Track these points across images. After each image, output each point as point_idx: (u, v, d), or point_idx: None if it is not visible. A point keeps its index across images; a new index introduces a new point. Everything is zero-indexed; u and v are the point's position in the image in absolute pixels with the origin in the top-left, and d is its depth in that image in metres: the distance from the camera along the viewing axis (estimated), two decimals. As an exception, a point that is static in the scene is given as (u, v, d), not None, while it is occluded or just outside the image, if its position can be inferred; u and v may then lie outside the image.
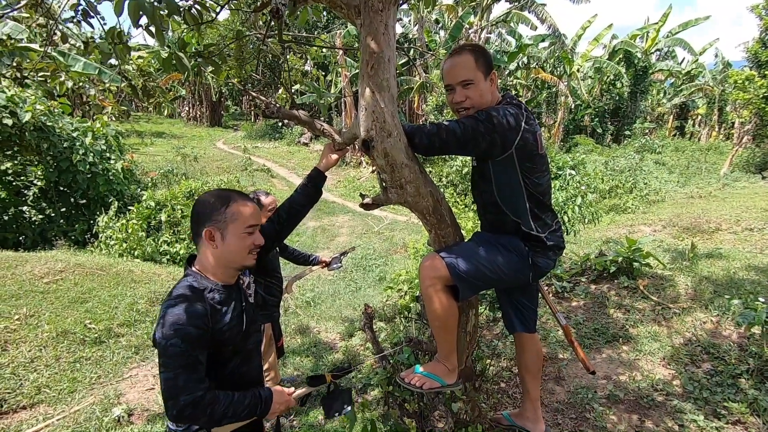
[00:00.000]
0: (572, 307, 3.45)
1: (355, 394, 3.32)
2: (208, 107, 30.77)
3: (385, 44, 1.54)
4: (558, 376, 2.69)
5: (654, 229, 8.42)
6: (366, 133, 1.56)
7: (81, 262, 5.74)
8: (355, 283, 7.00)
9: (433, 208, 1.78)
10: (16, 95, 6.90)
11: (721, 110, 25.13)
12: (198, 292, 1.33)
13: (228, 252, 1.37)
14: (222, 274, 1.40)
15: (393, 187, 1.67)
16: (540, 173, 1.73)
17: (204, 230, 1.35)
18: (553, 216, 1.85)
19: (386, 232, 10.32)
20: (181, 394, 1.21)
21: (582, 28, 22.49)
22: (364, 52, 1.55)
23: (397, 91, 1.67)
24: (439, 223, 1.84)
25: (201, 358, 1.27)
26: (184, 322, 1.24)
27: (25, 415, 3.29)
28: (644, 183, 11.40)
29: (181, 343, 1.22)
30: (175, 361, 1.22)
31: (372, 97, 1.53)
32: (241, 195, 1.43)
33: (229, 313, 1.37)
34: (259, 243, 1.42)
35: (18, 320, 4.16)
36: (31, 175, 8.26)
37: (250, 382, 1.49)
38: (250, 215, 1.39)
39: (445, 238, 1.89)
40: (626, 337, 2.93)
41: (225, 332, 1.34)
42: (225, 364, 1.39)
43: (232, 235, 1.35)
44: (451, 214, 1.88)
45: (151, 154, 16.38)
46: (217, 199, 1.38)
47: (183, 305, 1.27)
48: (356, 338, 4.51)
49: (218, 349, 1.33)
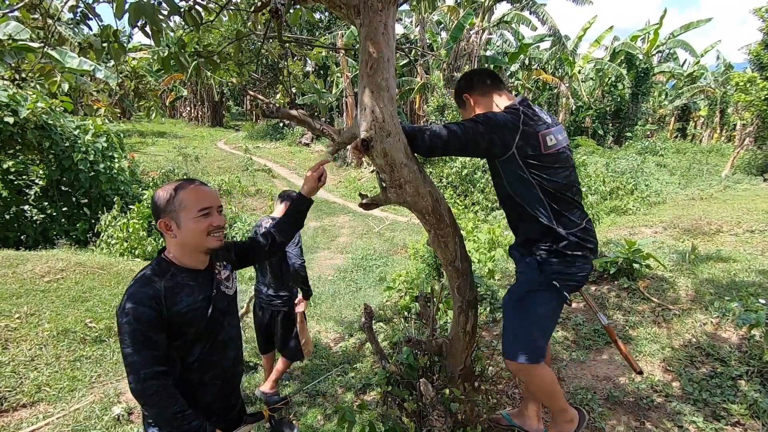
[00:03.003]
0: (572, 309, 3.45)
1: (354, 395, 3.32)
2: (210, 107, 30.81)
3: (385, 44, 1.55)
4: (558, 377, 2.68)
5: (655, 230, 8.40)
6: (365, 132, 1.56)
7: (82, 261, 5.75)
8: (356, 283, 7.00)
9: (432, 208, 1.78)
10: (17, 93, 6.91)
11: (722, 112, 25.08)
12: (157, 275, 1.37)
13: (187, 238, 1.40)
14: (188, 259, 1.44)
15: (392, 186, 1.67)
16: (552, 170, 1.73)
17: (159, 222, 1.41)
18: (581, 214, 1.82)
19: (387, 232, 10.32)
20: (141, 368, 1.26)
21: (583, 30, 22.45)
22: (363, 52, 1.55)
23: (396, 91, 1.67)
24: (438, 223, 1.84)
25: (156, 338, 1.30)
26: (137, 301, 1.30)
27: (25, 413, 3.29)
28: (645, 185, 11.38)
29: (133, 322, 1.27)
30: (131, 338, 1.27)
31: (371, 97, 1.53)
32: (191, 181, 1.46)
33: (191, 296, 1.39)
34: (218, 224, 1.43)
35: (19, 319, 4.16)
36: (33, 174, 8.27)
37: (223, 376, 1.50)
38: (201, 199, 1.41)
39: (444, 237, 1.90)
40: (626, 339, 2.93)
41: (184, 314, 1.36)
42: (189, 349, 1.41)
43: (186, 221, 1.39)
44: (450, 214, 1.88)
45: (153, 154, 16.41)
46: (166, 191, 1.43)
47: (138, 286, 1.33)
48: (355, 338, 4.50)
49: (180, 331, 1.36)
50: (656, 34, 22.42)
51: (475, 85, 1.91)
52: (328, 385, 3.51)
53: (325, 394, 3.42)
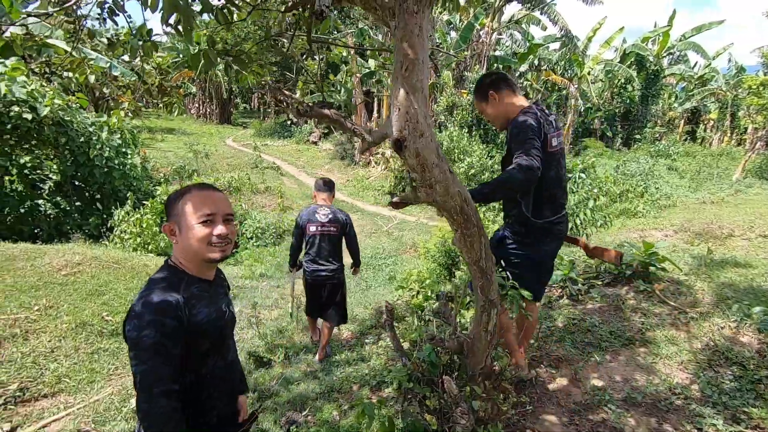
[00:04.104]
0: (587, 310, 3.45)
1: (369, 391, 3.35)
2: (218, 104, 31.00)
3: (420, 46, 1.57)
4: (574, 377, 2.70)
5: (665, 233, 8.37)
6: (399, 133, 1.59)
7: (97, 256, 5.83)
8: (366, 282, 7.04)
9: (460, 208, 1.81)
10: (35, 90, 7.01)
11: (733, 115, 24.84)
12: (173, 284, 1.30)
13: (187, 244, 1.33)
14: (193, 267, 1.37)
15: (423, 186, 1.70)
16: (547, 168, 2.09)
17: (164, 226, 1.37)
18: (555, 209, 2.26)
19: (395, 231, 10.35)
20: (155, 385, 1.17)
21: (593, 31, 22.31)
22: (399, 54, 1.58)
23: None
24: (465, 223, 1.86)
25: (175, 352, 1.21)
26: (159, 312, 1.20)
27: (46, 403, 3.36)
28: (656, 188, 11.33)
29: (155, 335, 1.17)
30: (148, 354, 1.17)
31: (406, 98, 1.56)
32: (201, 186, 1.39)
33: (207, 307, 1.33)
34: (219, 233, 1.33)
35: (38, 311, 4.24)
36: (47, 169, 8.39)
37: (231, 393, 1.49)
38: (205, 205, 1.32)
39: (470, 237, 1.92)
40: (643, 341, 2.93)
41: (202, 326, 1.30)
42: (204, 360, 1.36)
43: (187, 227, 1.31)
44: (476, 214, 1.91)
45: (163, 150, 16.53)
46: (176, 193, 1.37)
47: (157, 295, 1.23)
48: (367, 336, 4.53)
49: (195, 342, 1.29)
50: (666, 35, 22.26)
51: (501, 85, 2.27)
52: (342, 381, 3.54)
53: (339, 389, 3.45)
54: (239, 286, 6.33)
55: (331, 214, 3.89)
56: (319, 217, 3.87)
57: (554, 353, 2.98)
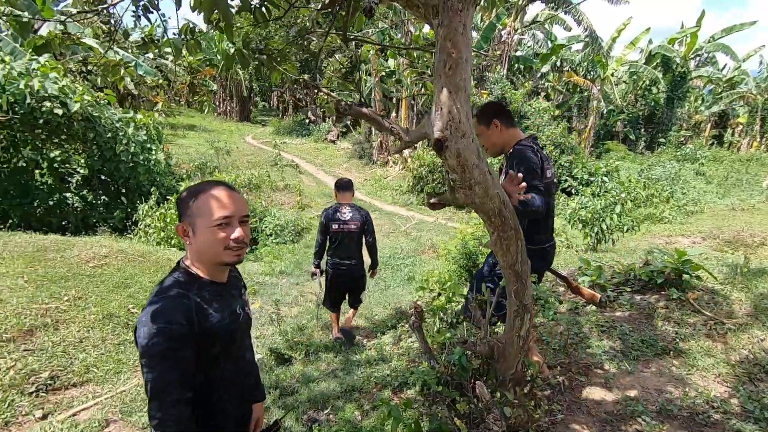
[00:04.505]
0: (616, 318, 3.37)
1: (391, 392, 3.33)
2: (238, 102, 31.41)
3: (464, 45, 1.54)
4: (606, 386, 2.63)
5: (693, 240, 8.14)
6: (440, 133, 1.56)
7: (123, 249, 5.96)
8: (384, 281, 7.02)
9: (498, 211, 1.77)
10: (66, 86, 7.20)
11: (764, 120, 24.03)
12: (185, 288, 1.24)
13: (201, 247, 1.26)
14: (207, 270, 1.30)
15: (462, 187, 1.67)
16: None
17: (177, 226, 1.29)
18: (547, 235, 2.49)
19: (413, 231, 10.31)
20: (168, 393, 1.12)
21: (617, 31, 21.85)
22: (442, 53, 1.55)
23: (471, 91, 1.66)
24: (503, 226, 1.82)
25: (187, 358, 1.17)
26: (169, 319, 1.14)
27: (75, 392, 3.43)
28: (682, 193, 11.02)
29: (165, 342, 1.12)
30: (159, 361, 1.13)
31: (449, 98, 1.53)
32: (216, 184, 1.29)
33: (219, 312, 1.28)
34: (236, 237, 1.25)
35: (67, 301, 4.34)
36: (75, 163, 8.62)
37: (242, 390, 1.44)
38: (221, 206, 1.24)
39: (507, 240, 1.88)
40: (677, 351, 2.84)
41: (214, 330, 1.25)
42: (215, 362, 1.30)
43: (201, 229, 1.24)
44: (514, 217, 1.87)
45: (184, 146, 16.81)
46: (189, 192, 1.29)
47: (168, 302, 1.18)
48: (388, 336, 4.52)
49: (206, 345, 1.24)
50: (694, 36, 21.64)
51: (504, 117, 2.42)
52: (363, 381, 3.53)
53: (360, 389, 3.44)
54: (259, 283, 6.39)
55: (352, 212, 4.19)
56: (341, 215, 4.14)
57: (583, 360, 2.91)
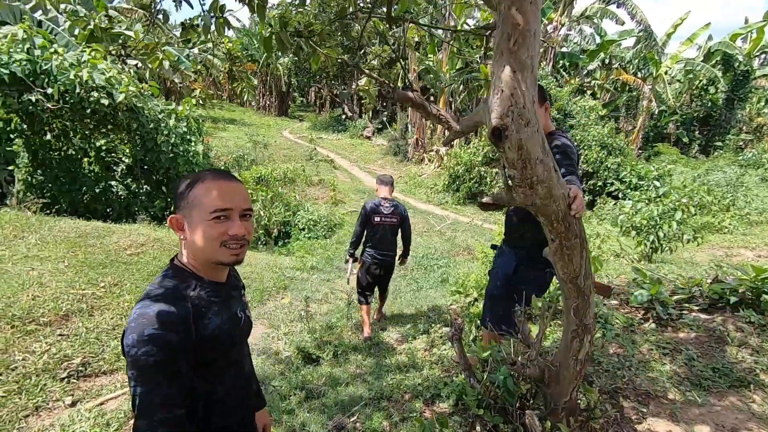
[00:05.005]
0: (680, 339, 2.99)
1: (423, 403, 3.11)
2: (277, 97, 31.95)
3: (532, 15, 1.29)
4: (672, 418, 2.30)
5: (758, 253, 7.40)
6: (499, 120, 1.31)
7: (159, 238, 6.03)
8: (416, 282, 6.79)
9: (563, 215, 1.51)
10: (113, 77, 7.40)
11: (838, 124, 21.86)
12: (180, 289, 1.11)
13: (195, 243, 1.12)
14: (204, 269, 1.17)
15: (521, 186, 1.42)
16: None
17: (170, 219, 1.15)
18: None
19: (448, 231, 10.01)
20: (157, 411, 0.99)
21: (673, 27, 20.42)
22: (506, 24, 1.30)
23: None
24: (566, 233, 1.56)
25: (182, 369, 1.04)
26: (162, 325, 1.01)
27: (105, 380, 3.43)
28: (745, 201, 10.09)
29: (157, 352, 0.99)
30: (149, 374, 0.99)
31: (512, 78, 1.28)
32: (216, 173, 1.16)
33: (218, 315, 1.15)
34: (235, 233, 1.12)
35: (103, 288, 4.39)
36: (120, 152, 8.90)
37: (242, 398, 1.28)
38: (219, 197, 1.10)
39: (570, 250, 1.61)
40: (757, 384, 2.46)
41: (213, 337, 1.12)
42: (211, 369, 1.16)
43: (196, 222, 1.11)
44: (580, 223, 1.60)
45: (224, 139, 17.20)
46: (185, 181, 1.15)
47: (160, 306, 1.04)
48: (419, 341, 4.29)
49: (202, 352, 1.11)
50: (761, 32, 19.94)
51: (548, 102, 2.36)
52: (393, 388, 3.33)
53: (390, 397, 3.25)
54: (290, 278, 6.32)
55: (393, 206, 4.34)
56: (383, 209, 4.30)
57: (642, 387, 2.58)
